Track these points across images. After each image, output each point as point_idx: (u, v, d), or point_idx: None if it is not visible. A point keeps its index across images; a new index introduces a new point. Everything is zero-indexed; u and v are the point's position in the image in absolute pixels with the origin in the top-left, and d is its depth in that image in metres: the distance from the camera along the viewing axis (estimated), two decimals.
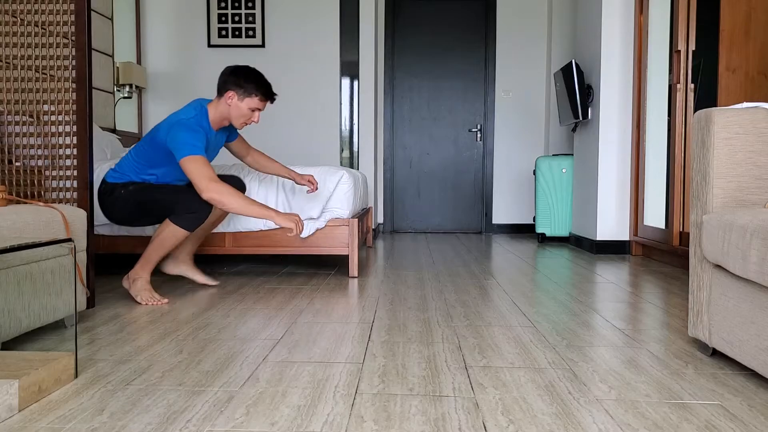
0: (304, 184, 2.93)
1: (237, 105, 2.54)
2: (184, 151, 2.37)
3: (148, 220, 2.64)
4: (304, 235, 3.16)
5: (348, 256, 3.21)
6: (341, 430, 1.24)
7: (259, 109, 2.59)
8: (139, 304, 2.47)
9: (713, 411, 1.35)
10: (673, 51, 3.65)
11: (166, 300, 2.49)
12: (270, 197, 3.17)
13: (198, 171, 2.35)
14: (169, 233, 2.48)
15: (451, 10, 5.96)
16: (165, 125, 2.50)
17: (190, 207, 2.46)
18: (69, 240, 1.61)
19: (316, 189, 2.87)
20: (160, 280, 3.07)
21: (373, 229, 5.02)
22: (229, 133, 2.81)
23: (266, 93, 2.57)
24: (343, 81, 5.43)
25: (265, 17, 5.36)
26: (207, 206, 2.47)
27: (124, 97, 5.01)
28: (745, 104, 1.74)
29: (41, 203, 2.06)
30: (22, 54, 2.42)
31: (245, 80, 2.52)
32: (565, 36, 5.63)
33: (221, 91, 2.55)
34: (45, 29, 2.42)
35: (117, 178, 2.60)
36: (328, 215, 3.19)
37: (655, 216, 4.05)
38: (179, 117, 2.49)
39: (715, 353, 1.78)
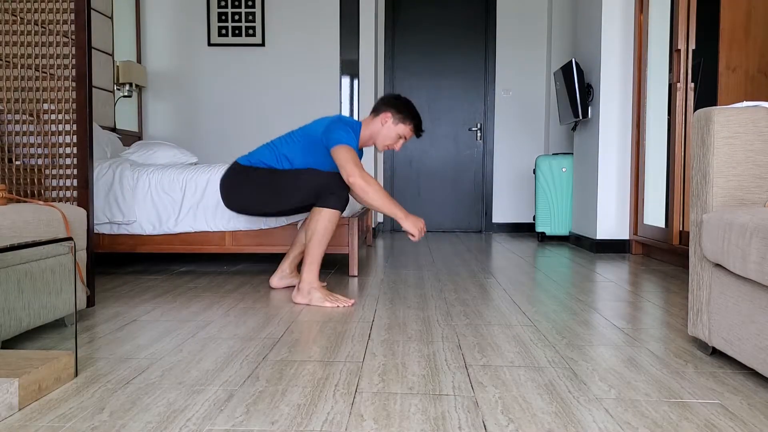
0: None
1: (389, 127, 2.63)
2: (340, 141, 2.45)
3: (276, 203, 2.59)
4: None
5: (348, 255, 3.21)
6: (341, 429, 1.24)
7: (405, 139, 2.67)
8: (324, 306, 2.42)
9: (713, 410, 1.35)
10: (673, 50, 3.65)
11: (352, 301, 2.46)
12: None
13: (348, 157, 2.43)
14: (324, 221, 2.46)
15: (451, 10, 5.95)
16: (322, 122, 2.59)
17: (329, 188, 2.46)
18: (69, 239, 1.61)
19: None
20: (161, 279, 3.07)
21: (372, 228, 5.02)
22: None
23: (418, 126, 2.67)
24: (343, 80, 5.43)
25: (265, 16, 5.36)
26: (345, 187, 2.47)
27: (124, 96, 5.00)
28: (745, 103, 1.74)
29: (41, 202, 2.06)
30: (22, 53, 2.42)
31: (405, 108, 2.64)
32: (565, 35, 5.63)
33: (378, 110, 2.65)
34: (45, 28, 2.42)
35: (252, 163, 2.63)
36: None
37: (655, 215, 4.05)
38: (341, 118, 2.59)
39: (715, 352, 1.79)
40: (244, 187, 2.62)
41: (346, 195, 2.49)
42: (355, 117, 5.46)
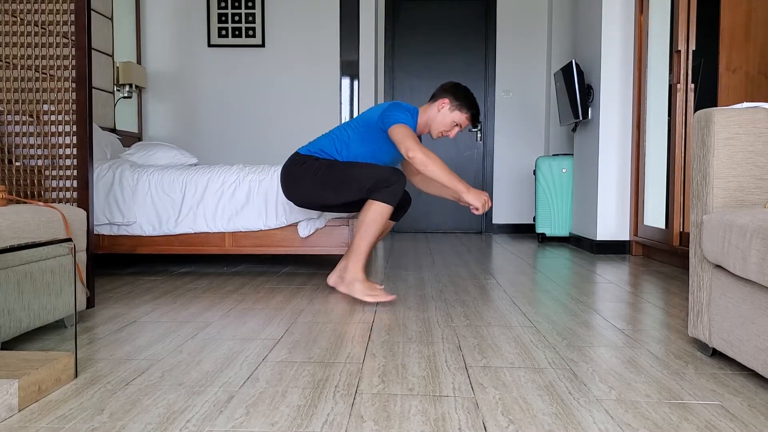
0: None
1: (445, 113, 2.61)
2: (398, 120, 2.45)
3: (332, 196, 2.57)
4: (303, 234, 3.17)
5: None
6: (341, 430, 1.24)
7: (460, 127, 2.65)
8: (362, 301, 2.45)
9: (713, 411, 1.35)
10: (673, 51, 3.65)
11: (393, 296, 2.44)
12: (270, 197, 3.17)
13: (407, 134, 2.42)
14: (372, 213, 2.44)
15: (451, 10, 5.95)
16: (378, 108, 2.58)
17: (387, 180, 2.44)
18: (69, 240, 1.60)
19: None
20: (161, 280, 3.07)
21: None
22: None
23: (475, 115, 2.65)
24: (343, 81, 5.43)
25: (265, 17, 5.36)
26: (401, 177, 2.45)
27: (124, 97, 5.01)
28: (746, 104, 1.74)
29: (41, 203, 2.06)
30: (22, 54, 2.42)
31: (464, 95, 2.61)
32: (565, 36, 5.63)
33: (436, 96, 2.63)
34: (45, 29, 2.42)
35: (312, 152, 2.62)
36: (328, 215, 3.19)
37: (655, 216, 4.05)
38: (398, 102, 2.58)
39: (715, 353, 1.78)
40: (304, 177, 2.60)
41: (401, 190, 2.46)
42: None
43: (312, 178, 2.57)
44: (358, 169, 2.51)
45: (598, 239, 4.26)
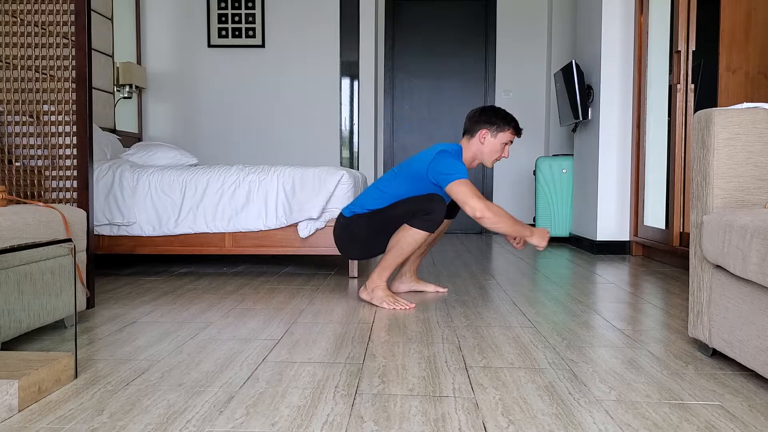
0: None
1: (491, 141, 2.58)
2: (455, 176, 2.41)
3: (384, 242, 2.56)
4: (304, 235, 3.17)
5: None
6: (341, 431, 1.24)
7: (510, 143, 2.63)
8: (381, 307, 2.43)
9: (713, 411, 1.35)
10: (673, 51, 3.65)
11: (413, 304, 2.44)
12: (270, 197, 3.17)
13: (469, 192, 2.39)
14: (408, 237, 2.45)
15: (450, 10, 5.95)
16: (424, 157, 2.53)
17: (425, 209, 2.43)
18: (69, 240, 1.60)
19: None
20: (161, 280, 3.07)
21: None
22: None
23: (516, 127, 2.61)
24: (343, 81, 5.43)
25: (265, 17, 5.36)
26: (442, 207, 2.44)
27: (124, 98, 5.01)
28: (746, 104, 1.74)
29: (41, 203, 2.06)
30: (22, 54, 2.42)
31: (495, 116, 2.58)
32: (565, 36, 5.63)
33: (472, 131, 2.59)
34: (45, 29, 2.42)
35: (356, 211, 2.61)
36: (328, 215, 3.19)
37: (655, 216, 4.05)
38: (442, 148, 2.53)
39: (715, 354, 1.78)
40: (353, 238, 2.61)
41: (441, 217, 2.45)
42: (356, 117, 5.47)
43: (360, 235, 2.58)
44: (399, 206, 2.50)
45: (598, 239, 4.26)
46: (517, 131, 2.62)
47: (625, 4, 4.21)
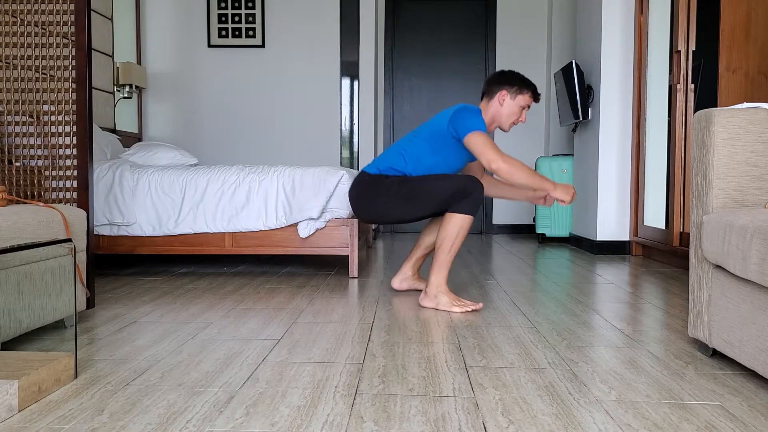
0: (539, 203, 2.67)
1: (509, 103, 2.57)
2: (473, 127, 2.40)
3: (409, 212, 2.53)
4: (303, 235, 3.17)
5: (348, 256, 3.21)
6: (341, 431, 1.24)
7: (528, 107, 2.61)
8: (444, 310, 2.40)
9: (713, 411, 1.35)
10: (673, 51, 3.65)
11: (480, 304, 2.40)
12: (270, 197, 3.17)
13: (485, 143, 2.38)
14: (455, 227, 2.41)
15: (451, 11, 5.95)
16: (445, 114, 2.53)
17: (464, 190, 2.40)
18: (69, 240, 1.60)
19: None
20: (161, 280, 3.07)
21: (373, 230, 5.02)
22: None
23: (535, 90, 2.60)
24: (343, 81, 5.43)
25: (265, 17, 5.36)
26: (479, 185, 2.42)
27: (124, 98, 5.01)
28: (746, 104, 1.74)
29: (41, 203, 2.06)
30: (22, 54, 2.42)
31: (515, 79, 2.58)
32: (565, 36, 5.63)
33: (491, 93, 2.59)
34: (45, 29, 2.42)
35: (381, 171, 2.58)
36: (328, 215, 3.19)
37: (655, 216, 4.05)
38: (463, 106, 2.53)
39: (715, 354, 1.78)
40: (377, 198, 2.56)
41: (480, 198, 2.43)
42: (356, 117, 5.47)
43: (386, 197, 2.54)
44: (434, 181, 2.47)
45: (598, 239, 4.26)
46: (536, 95, 2.60)
47: (625, 4, 4.21)
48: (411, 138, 2.61)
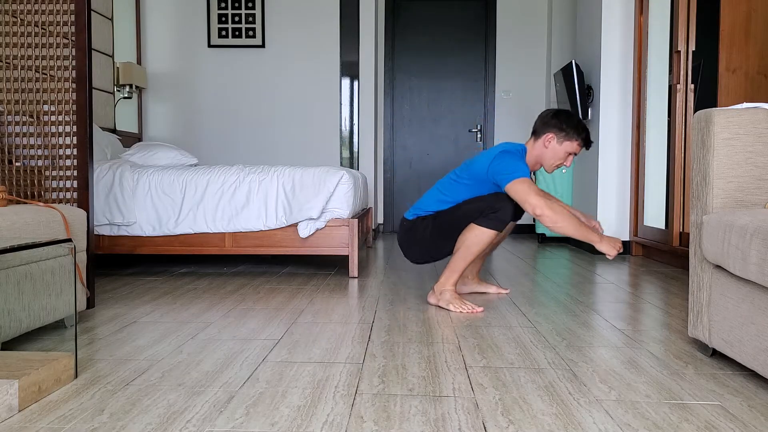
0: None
1: (555, 147, 2.48)
2: (515, 175, 2.33)
3: (450, 243, 2.50)
4: (304, 235, 3.17)
5: (348, 256, 3.21)
6: (341, 431, 1.24)
7: (575, 154, 2.53)
8: (450, 311, 2.39)
9: (713, 411, 1.35)
10: (673, 51, 3.65)
11: (480, 308, 2.39)
12: (270, 197, 3.17)
13: (528, 189, 2.30)
14: (474, 237, 2.39)
15: (450, 11, 5.95)
16: (485, 157, 2.45)
17: (492, 206, 2.37)
18: (69, 240, 1.61)
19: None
20: (161, 280, 3.07)
21: (373, 230, 5.02)
22: None
23: (586, 139, 2.51)
24: (343, 81, 5.43)
25: (265, 17, 5.36)
26: (508, 206, 2.37)
27: (124, 98, 5.01)
28: (745, 104, 1.74)
29: (41, 203, 2.06)
30: (22, 54, 2.42)
31: (567, 124, 2.48)
32: (565, 36, 5.63)
33: (539, 133, 2.51)
34: (45, 29, 2.42)
35: (419, 214, 2.57)
36: (328, 215, 3.19)
37: (655, 216, 4.05)
38: (504, 148, 2.46)
39: (715, 353, 1.78)
40: (419, 241, 2.56)
41: (508, 216, 2.38)
42: (356, 117, 5.47)
43: (425, 237, 2.53)
44: (464, 206, 2.45)
45: None
46: (586, 144, 2.51)
47: (625, 4, 4.22)
48: (451, 181, 2.55)
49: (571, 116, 2.50)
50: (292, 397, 1.43)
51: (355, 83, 5.45)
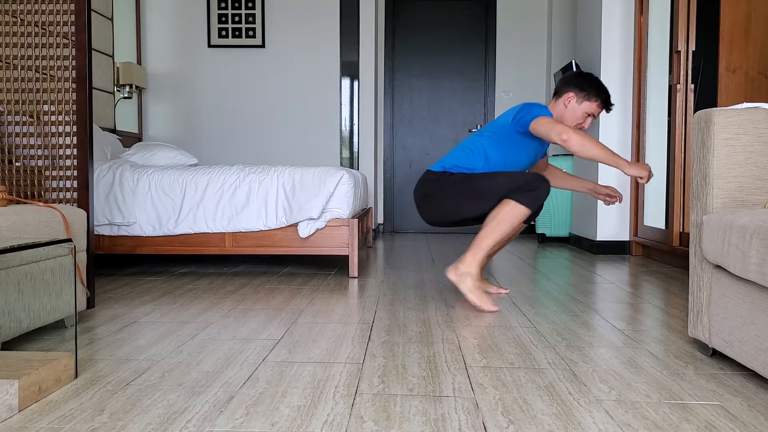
0: (601, 198, 2.66)
1: (574, 107, 2.49)
2: (536, 114, 2.33)
3: (475, 207, 2.43)
4: (304, 235, 3.17)
5: (348, 256, 3.21)
6: (341, 431, 1.24)
7: (594, 116, 2.51)
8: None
9: (713, 411, 1.35)
10: (673, 51, 3.65)
11: (496, 308, 2.36)
12: (270, 197, 3.17)
13: (551, 121, 2.31)
14: (507, 213, 2.34)
15: (450, 11, 5.96)
16: (508, 112, 2.48)
17: (531, 184, 2.33)
18: (69, 240, 1.61)
19: (616, 201, 2.56)
20: (161, 280, 3.07)
21: (373, 230, 5.02)
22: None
23: (606, 100, 2.50)
24: (343, 81, 5.43)
25: (265, 17, 5.36)
26: (546, 184, 2.35)
27: (124, 98, 5.01)
28: (745, 105, 1.74)
29: (41, 203, 2.06)
30: (22, 54, 2.42)
31: (588, 84, 2.48)
32: (565, 36, 5.63)
33: (560, 92, 2.51)
34: (45, 29, 2.42)
35: (446, 168, 2.51)
36: (328, 215, 3.19)
37: (655, 216, 4.05)
38: (527, 102, 2.48)
39: (715, 353, 1.78)
40: (442, 194, 2.49)
41: (544, 196, 2.35)
42: (356, 117, 5.47)
43: (451, 194, 2.47)
44: (501, 176, 2.40)
45: (598, 239, 4.26)
46: (606, 105, 2.49)
47: (625, 4, 4.22)
48: (476, 137, 2.54)
49: (593, 77, 2.49)
50: (292, 397, 1.43)
51: (355, 83, 5.45)
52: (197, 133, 5.45)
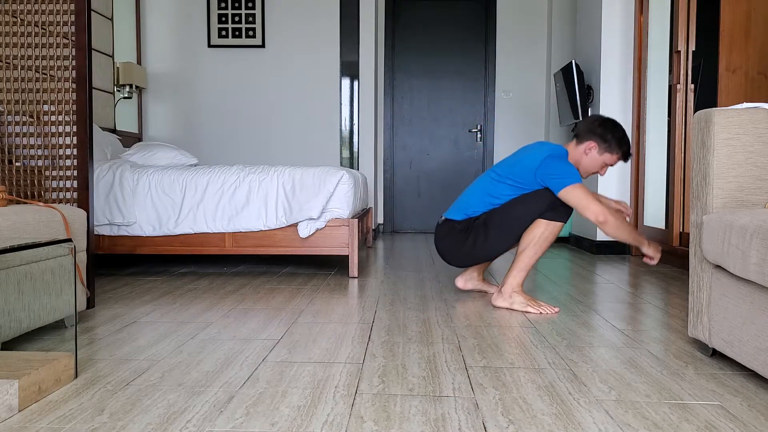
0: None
1: (594, 156, 2.47)
2: (568, 180, 2.33)
3: (507, 241, 2.48)
4: (304, 235, 3.17)
5: (348, 256, 3.21)
6: (341, 431, 1.24)
7: (612, 165, 2.52)
8: (526, 312, 2.37)
9: (713, 411, 1.35)
10: (673, 51, 3.65)
11: (557, 309, 2.38)
12: (270, 197, 3.17)
13: (586, 195, 2.32)
14: (545, 232, 2.37)
15: (450, 11, 5.95)
16: (530, 158, 2.43)
17: (558, 200, 2.36)
18: (69, 240, 1.61)
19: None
20: (161, 280, 3.07)
21: (373, 230, 5.02)
22: None
23: (626, 153, 2.48)
24: (343, 81, 5.43)
25: (265, 17, 5.36)
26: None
27: (124, 98, 5.01)
28: (745, 105, 1.74)
29: (41, 203, 2.06)
30: (22, 54, 2.42)
31: (612, 135, 2.45)
32: (565, 36, 5.63)
33: (582, 138, 2.48)
34: (45, 29, 2.42)
35: (469, 215, 2.52)
36: (328, 215, 3.19)
37: (655, 216, 4.05)
38: (549, 151, 2.43)
39: (715, 353, 1.78)
40: (472, 244, 2.51)
41: (572, 209, 2.39)
42: (356, 117, 5.47)
43: (482, 240, 2.48)
44: (520, 205, 2.42)
45: (598, 239, 4.26)
46: (625, 158, 2.50)
47: (625, 4, 4.22)
48: (495, 181, 2.50)
49: (616, 128, 2.47)
50: (292, 397, 1.43)
51: (355, 83, 5.45)
52: (197, 133, 5.45)
